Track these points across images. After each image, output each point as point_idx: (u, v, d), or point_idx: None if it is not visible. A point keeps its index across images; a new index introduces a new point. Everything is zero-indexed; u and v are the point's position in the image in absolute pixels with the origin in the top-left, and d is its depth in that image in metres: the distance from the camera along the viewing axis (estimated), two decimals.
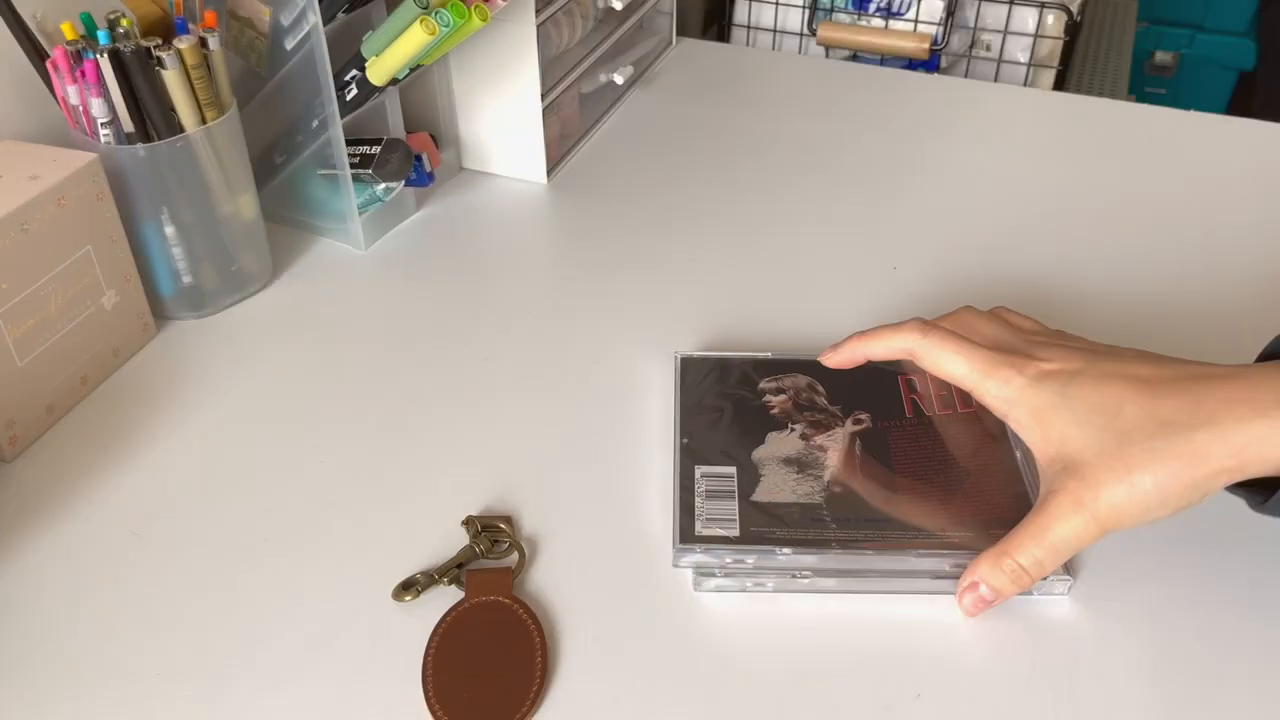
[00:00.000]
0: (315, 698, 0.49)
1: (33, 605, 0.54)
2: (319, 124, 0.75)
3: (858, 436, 0.59)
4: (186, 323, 0.72)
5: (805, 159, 0.91)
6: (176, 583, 0.55)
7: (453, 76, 0.86)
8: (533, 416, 0.65)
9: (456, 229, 0.83)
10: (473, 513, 0.58)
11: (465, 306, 0.74)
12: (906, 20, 1.22)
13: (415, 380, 0.68)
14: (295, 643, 0.52)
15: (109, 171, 0.65)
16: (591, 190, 0.87)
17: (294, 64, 0.73)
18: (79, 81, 0.63)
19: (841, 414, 0.61)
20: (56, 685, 0.50)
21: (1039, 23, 1.20)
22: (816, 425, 0.60)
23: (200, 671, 0.51)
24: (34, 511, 0.59)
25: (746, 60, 1.11)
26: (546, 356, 0.70)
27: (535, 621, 0.52)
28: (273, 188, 0.80)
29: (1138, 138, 0.94)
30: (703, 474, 0.57)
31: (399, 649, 0.51)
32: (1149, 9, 1.99)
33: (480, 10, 0.70)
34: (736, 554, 0.53)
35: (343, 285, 0.77)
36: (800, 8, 1.26)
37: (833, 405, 0.61)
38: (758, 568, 0.53)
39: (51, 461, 0.62)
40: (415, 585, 0.54)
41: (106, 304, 0.66)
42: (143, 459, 0.62)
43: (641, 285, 0.76)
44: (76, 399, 0.65)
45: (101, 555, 0.56)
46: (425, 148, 0.83)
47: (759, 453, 0.58)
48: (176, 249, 0.70)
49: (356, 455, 0.62)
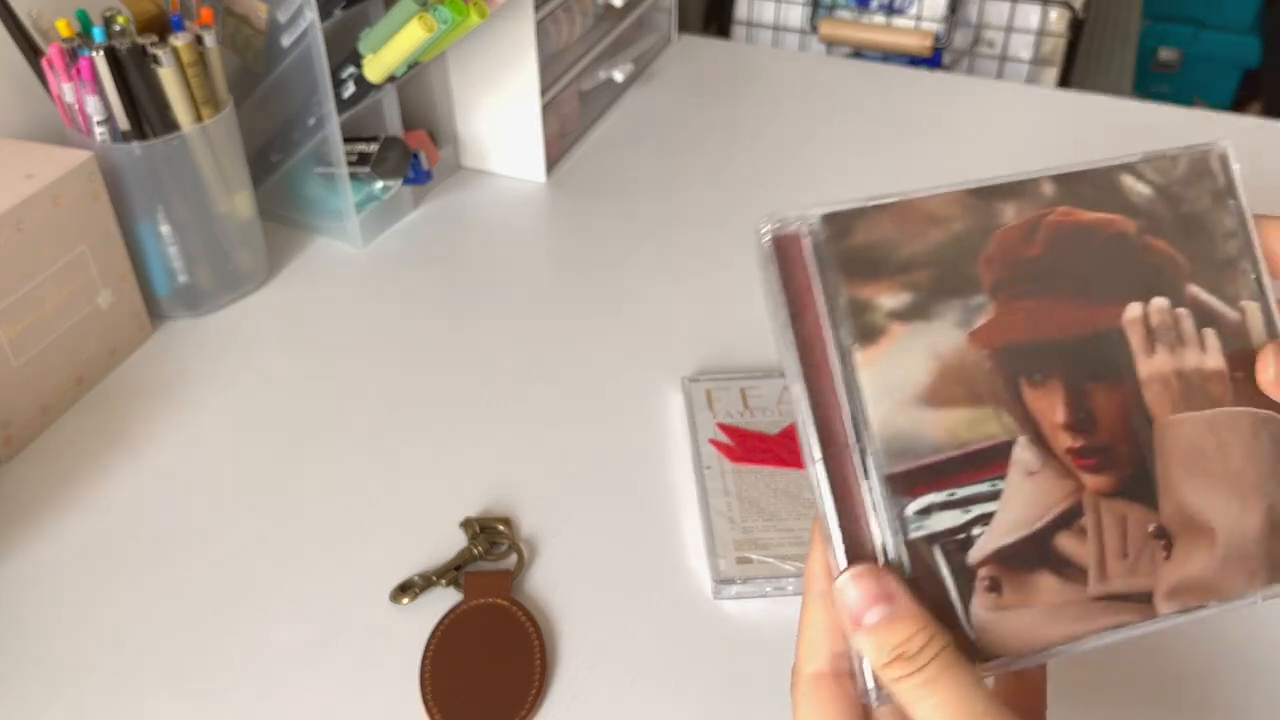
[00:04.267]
0: (313, 700, 0.49)
1: (30, 605, 0.53)
2: (316, 122, 0.74)
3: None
4: (182, 322, 0.72)
5: (806, 157, 0.90)
6: (173, 583, 0.54)
7: (451, 74, 0.86)
8: (531, 416, 0.64)
9: (455, 227, 0.83)
10: (471, 514, 0.57)
11: (463, 305, 0.74)
12: (909, 17, 1.21)
13: (413, 379, 0.67)
14: (292, 644, 0.51)
15: (104, 170, 0.64)
16: (591, 188, 0.87)
17: (291, 61, 0.72)
18: (74, 79, 0.63)
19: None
20: (53, 685, 0.50)
21: (1042, 20, 1.20)
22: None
23: (197, 674, 0.50)
24: (30, 512, 0.58)
25: (747, 57, 1.11)
26: (545, 355, 0.69)
27: (534, 623, 0.52)
28: (269, 186, 0.80)
29: (1141, 135, 0.93)
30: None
31: (397, 651, 0.51)
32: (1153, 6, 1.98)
33: (479, 7, 0.70)
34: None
35: (340, 284, 0.76)
36: (801, 4, 1.25)
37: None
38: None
39: (47, 462, 0.61)
40: (413, 587, 0.53)
41: (102, 303, 0.66)
42: (139, 459, 0.62)
43: (641, 284, 0.76)
44: (72, 399, 0.65)
45: (98, 555, 0.56)
46: (423, 145, 0.83)
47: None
48: (172, 248, 0.69)
49: (353, 455, 0.62)
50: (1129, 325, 0.36)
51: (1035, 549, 0.34)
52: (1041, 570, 0.34)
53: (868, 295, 0.34)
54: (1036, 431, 0.35)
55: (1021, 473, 0.34)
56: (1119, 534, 0.35)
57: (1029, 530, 0.34)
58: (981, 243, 0.35)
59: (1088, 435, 0.35)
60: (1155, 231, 0.37)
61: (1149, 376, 0.36)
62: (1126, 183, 0.38)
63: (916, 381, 0.34)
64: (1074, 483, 0.35)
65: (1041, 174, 0.37)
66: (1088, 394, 0.35)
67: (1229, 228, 0.38)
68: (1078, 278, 0.36)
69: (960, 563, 0.33)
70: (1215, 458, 0.36)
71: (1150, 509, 0.35)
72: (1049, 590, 0.34)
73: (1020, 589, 0.34)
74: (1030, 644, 0.34)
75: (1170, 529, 0.35)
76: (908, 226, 0.35)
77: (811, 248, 0.34)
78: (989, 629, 0.33)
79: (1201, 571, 0.35)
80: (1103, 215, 0.37)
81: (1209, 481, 0.36)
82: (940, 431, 0.34)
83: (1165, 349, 0.36)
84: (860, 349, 0.33)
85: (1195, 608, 0.35)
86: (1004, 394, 0.34)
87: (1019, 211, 0.36)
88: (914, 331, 0.34)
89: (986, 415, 0.34)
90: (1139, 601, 0.35)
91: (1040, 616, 0.34)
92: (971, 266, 0.35)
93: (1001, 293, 0.35)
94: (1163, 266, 0.37)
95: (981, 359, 0.34)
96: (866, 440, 0.33)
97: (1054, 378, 0.35)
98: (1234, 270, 0.37)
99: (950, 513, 0.34)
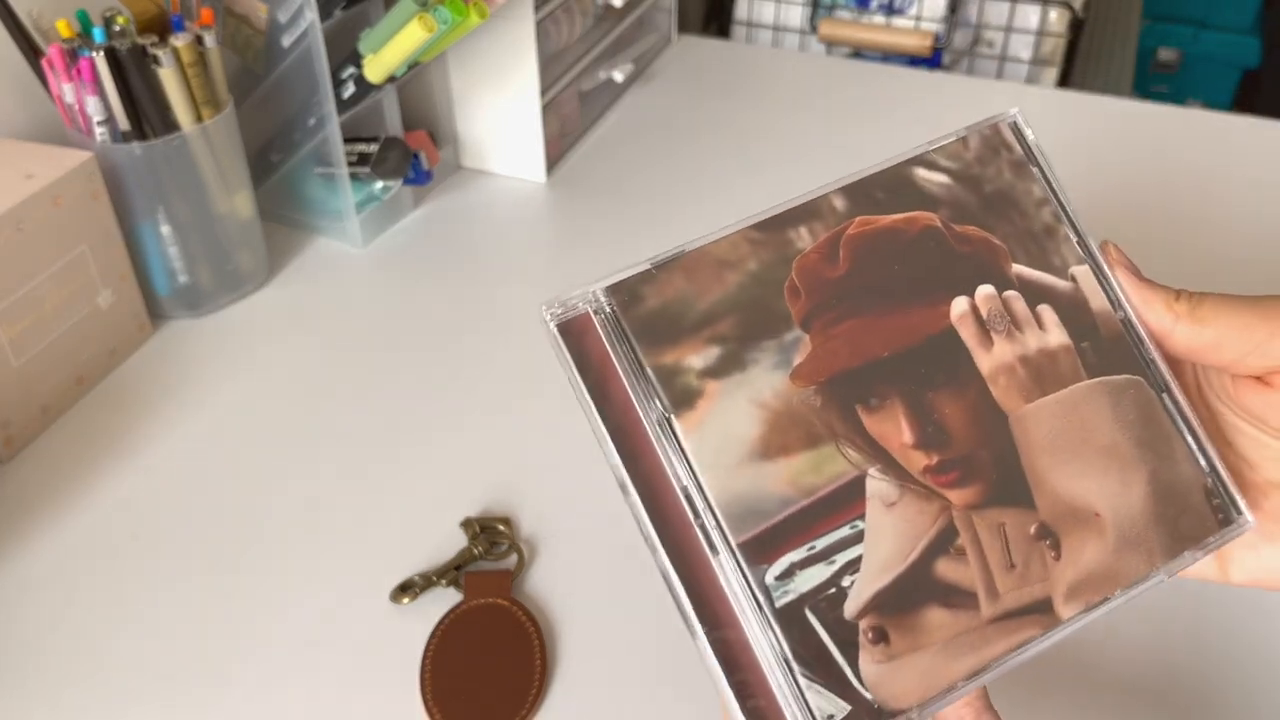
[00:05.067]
0: (312, 700, 0.49)
1: (30, 606, 0.53)
2: (316, 122, 0.74)
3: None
4: (183, 322, 0.72)
5: (806, 157, 0.90)
6: (173, 584, 0.54)
7: (451, 74, 0.86)
8: (532, 416, 0.64)
9: (455, 227, 0.83)
10: (471, 514, 0.58)
11: (464, 305, 0.74)
12: (909, 17, 1.21)
13: (413, 379, 0.67)
14: (292, 644, 0.51)
15: (105, 170, 0.64)
16: (591, 188, 0.87)
17: (291, 61, 0.72)
18: (75, 79, 0.63)
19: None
20: (52, 685, 0.50)
21: (1042, 20, 1.20)
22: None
23: (196, 673, 0.50)
24: (30, 512, 0.58)
25: (747, 57, 1.11)
26: (545, 355, 0.69)
27: (534, 623, 0.52)
28: (269, 186, 0.80)
29: (1141, 135, 0.93)
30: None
31: (397, 651, 0.51)
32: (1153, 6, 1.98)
33: (479, 7, 0.70)
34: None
35: (340, 284, 0.76)
36: (801, 4, 1.25)
37: None
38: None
39: (48, 462, 0.61)
40: (413, 587, 0.53)
41: (102, 303, 0.66)
42: (139, 459, 0.62)
43: None
44: (72, 399, 0.65)
45: (99, 556, 0.56)
46: (423, 146, 0.83)
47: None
48: (173, 248, 0.69)
49: (354, 455, 0.62)
50: (959, 322, 0.33)
51: (915, 585, 0.31)
52: (927, 606, 0.31)
53: (674, 359, 0.31)
54: (886, 459, 0.32)
55: (880, 506, 0.32)
56: (1000, 545, 0.32)
57: (903, 566, 0.31)
58: (781, 274, 0.33)
59: (941, 449, 0.32)
60: (963, 218, 0.35)
61: (993, 371, 0.33)
62: (919, 176, 0.35)
63: (745, 437, 0.31)
64: (940, 503, 0.32)
65: (825, 190, 0.34)
66: (931, 406, 0.32)
67: (1038, 196, 0.36)
68: (892, 287, 0.33)
69: (837, 619, 0.30)
70: (1081, 437, 0.33)
71: (1028, 510, 0.32)
72: (940, 626, 0.31)
73: (909, 632, 0.31)
74: (934, 687, 0.31)
75: (1053, 525, 0.32)
76: (699, 278, 0.33)
77: (600, 324, 0.32)
78: (885, 683, 0.30)
79: (1097, 562, 0.32)
80: (901, 216, 0.34)
81: (1081, 464, 0.33)
82: (783, 484, 0.31)
83: (1002, 338, 0.33)
84: (678, 417, 0.31)
85: (1099, 603, 0.32)
86: (842, 427, 0.32)
87: (813, 234, 0.33)
88: (732, 385, 0.32)
89: (829, 454, 0.32)
90: (1039, 612, 0.32)
91: (938, 656, 0.31)
92: (777, 302, 0.33)
93: (815, 322, 0.32)
94: (979, 254, 0.34)
95: (809, 396, 0.32)
96: (704, 514, 0.31)
97: (891, 397, 0.32)
98: (1055, 239, 0.35)
99: (814, 568, 0.31)
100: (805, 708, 0.30)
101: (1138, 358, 0.34)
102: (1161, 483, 0.33)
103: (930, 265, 0.34)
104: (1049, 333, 0.34)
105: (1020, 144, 0.36)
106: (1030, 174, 0.36)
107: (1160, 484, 0.33)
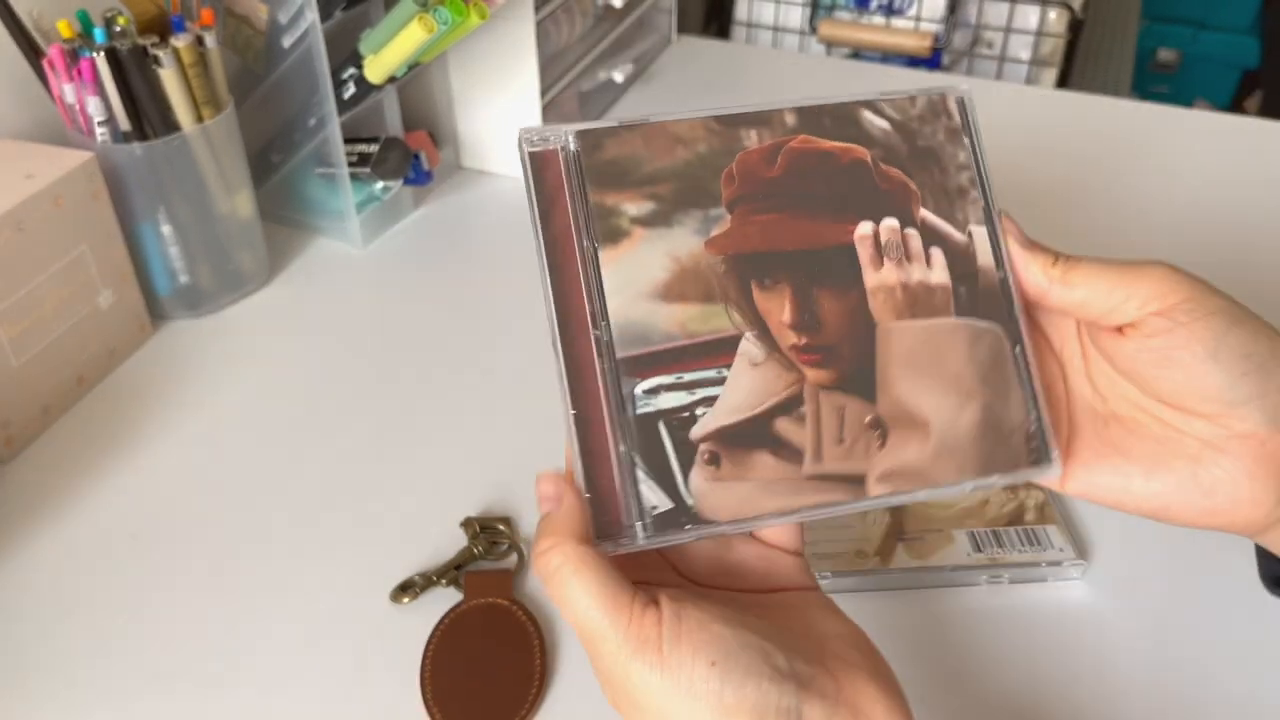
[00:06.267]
0: (312, 700, 0.49)
1: (30, 605, 0.53)
2: (316, 122, 0.74)
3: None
4: (183, 322, 0.72)
5: None
6: (173, 584, 0.54)
7: (451, 74, 0.86)
8: (532, 416, 0.64)
9: (455, 228, 0.83)
10: (471, 513, 0.58)
11: (464, 305, 0.74)
12: (908, 18, 1.21)
13: (413, 379, 0.67)
14: (292, 644, 0.51)
15: (105, 170, 0.64)
16: None
17: (291, 62, 0.73)
18: (75, 80, 0.63)
19: None
20: (52, 686, 0.50)
21: (1041, 20, 1.20)
22: None
23: (196, 673, 0.50)
24: (31, 512, 0.58)
25: (747, 58, 1.11)
26: (546, 355, 0.69)
27: (534, 623, 0.52)
28: (270, 186, 0.80)
29: (1140, 136, 0.93)
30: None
31: (397, 651, 0.51)
32: (1152, 6, 1.98)
33: (479, 7, 0.70)
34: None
35: (340, 284, 0.76)
36: (801, 5, 1.25)
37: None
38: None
39: (48, 462, 0.62)
40: (413, 587, 0.53)
41: (103, 304, 0.66)
42: (140, 460, 0.62)
43: None
44: (73, 399, 0.65)
45: (99, 556, 0.56)
46: (423, 146, 0.83)
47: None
48: (173, 248, 0.69)
49: (354, 455, 0.62)
50: (859, 240, 0.39)
51: (754, 430, 0.37)
52: (759, 450, 0.37)
53: (613, 203, 0.37)
54: (764, 329, 0.38)
55: (746, 364, 0.37)
56: (836, 422, 0.38)
57: (750, 413, 0.37)
58: (724, 162, 0.38)
59: (811, 334, 0.38)
60: (891, 160, 0.40)
61: (875, 287, 0.38)
62: (865, 117, 0.41)
63: (654, 280, 0.37)
64: (796, 375, 0.38)
65: (784, 105, 0.40)
66: (814, 299, 0.38)
67: (961, 161, 0.40)
68: (813, 198, 0.39)
69: (682, 438, 0.36)
70: (933, 361, 0.38)
71: (869, 403, 0.38)
72: (765, 467, 0.37)
73: (738, 464, 0.37)
74: (744, 512, 0.36)
75: (886, 421, 0.38)
76: (655, 145, 0.38)
77: (564, 160, 0.37)
78: (706, 497, 0.36)
79: (915, 460, 0.38)
80: (840, 144, 0.40)
81: (926, 382, 0.38)
82: (673, 324, 0.37)
83: (893, 264, 0.39)
84: (603, 248, 0.37)
85: (906, 492, 0.37)
86: (735, 294, 0.37)
87: (760, 138, 0.39)
88: (655, 236, 0.37)
89: (717, 311, 0.37)
90: (851, 483, 0.37)
91: (755, 489, 0.37)
92: (713, 183, 0.38)
93: (740, 207, 0.38)
94: (895, 192, 0.39)
95: (716, 263, 0.37)
96: (603, 328, 0.36)
97: (783, 283, 0.38)
98: (965, 199, 0.40)
99: (676, 394, 0.37)
100: (636, 494, 0.36)
101: (1004, 312, 0.39)
102: (992, 415, 0.38)
103: (851, 191, 0.39)
104: (934, 271, 0.39)
105: (962, 116, 0.42)
106: (961, 143, 0.41)
107: (990, 416, 0.38)
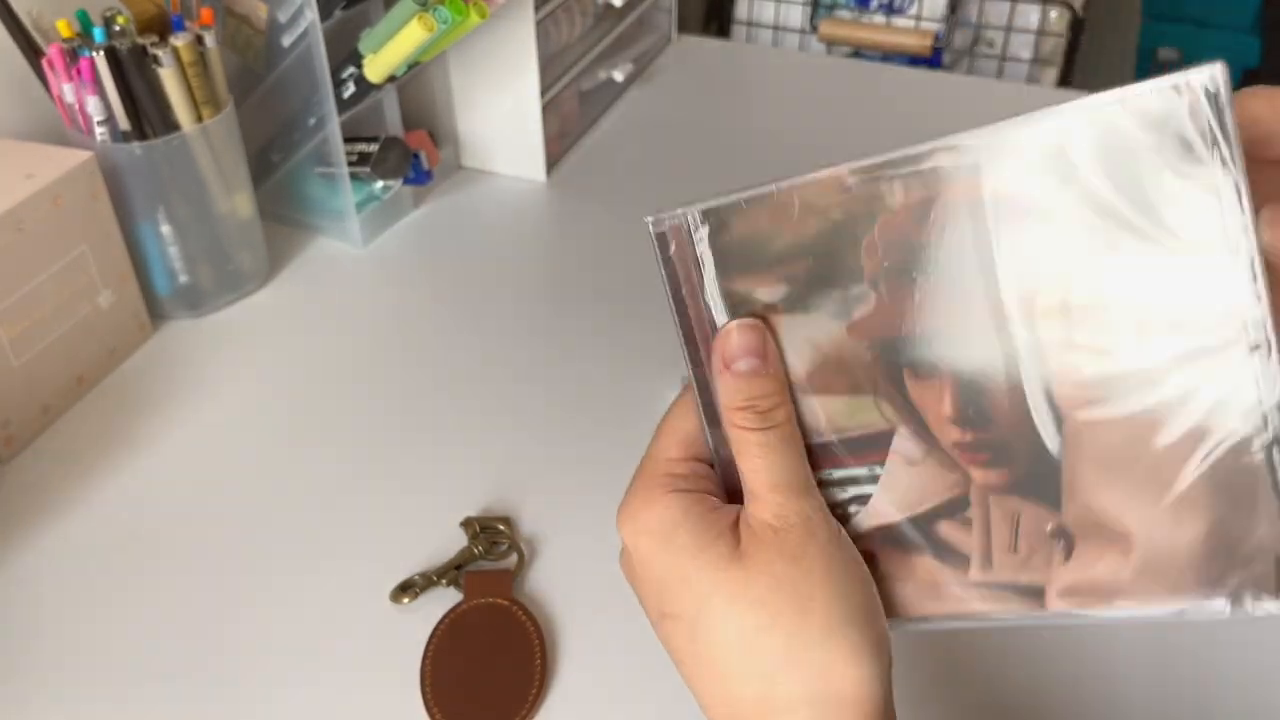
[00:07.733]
0: (312, 699, 0.49)
1: (30, 605, 0.53)
2: (316, 122, 0.74)
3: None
4: (183, 322, 0.72)
5: (806, 157, 0.90)
6: (174, 584, 0.54)
7: (451, 74, 0.86)
8: (532, 416, 0.64)
9: (455, 227, 0.83)
10: (471, 513, 0.57)
11: (464, 305, 0.74)
12: (909, 17, 1.21)
13: (413, 379, 0.67)
14: (292, 644, 0.51)
15: (105, 170, 0.64)
16: (591, 188, 0.87)
17: (291, 61, 0.72)
18: (75, 79, 0.63)
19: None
20: (53, 686, 0.50)
21: (1042, 20, 1.20)
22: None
23: (196, 673, 0.50)
24: (31, 512, 0.58)
25: (747, 57, 1.11)
26: (545, 355, 0.69)
27: (534, 623, 0.52)
28: (270, 186, 0.80)
29: None
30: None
31: (397, 651, 0.51)
32: (1152, 5, 1.98)
33: (478, 7, 0.70)
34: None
35: (340, 284, 0.76)
36: (801, 4, 1.25)
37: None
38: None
39: (48, 462, 0.61)
40: (413, 587, 0.53)
41: (103, 303, 0.66)
42: (140, 459, 0.62)
43: (641, 284, 0.76)
44: (73, 399, 0.65)
45: (99, 556, 0.56)
46: (423, 145, 0.83)
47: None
48: (173, 248, 0.69)
49: (354, 455, 0.62)
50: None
51: (914, 533, 0.33)
52: (920, 553, 0.33)
53: (745, 288, 0.33)
54: (920, 423, 0.32)
55: (902, 461, 0.33)
56: (1008, 530, 0.32)
57: (909, 514, 0.33)
58: (864, 230, 0.32)
59: (977, 430, 0.31)
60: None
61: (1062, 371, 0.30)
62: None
63: (793, 369, 0.33)
64: (960, 475, 0.32)
65: (939, 143, 0.30)
66: (980, 388, 0.31)
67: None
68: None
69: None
70: (1141, 460, 0.29)
71: (1051, 508, 0.31)
72: (927, 570, 0.33)
73: (896, 565, 0.34)
74: (906, 610, 0.34)
75: (1073, 530, 0.31)
76: (783, 217, 0.33)
77: (690, 242, 0.35)
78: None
79: (1110, 576, 0.31)
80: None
81: (1130, 487, 0.30)
82: (819, 418, 0.33)
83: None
84: None
85: (1097, 610, 0.31)
86: (885, 385, 0.32)
87: (906, 189, 0.31)
88: (793, 322, 0.33)
89: (866, 404, 0.33)
90: (1027, 595, 0.32)
91: (917, 591, 0.34)
92: (852, 255, 0.32)
93: (885, 284, 0.31)
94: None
95: (861, 349, 0.32)
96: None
97: (942, 370, 0.31)
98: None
99: (826, 491, 0.34)
100: None
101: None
102: (1225, 534, 0.29)
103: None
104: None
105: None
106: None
107: (1222, 535, 0.29)
